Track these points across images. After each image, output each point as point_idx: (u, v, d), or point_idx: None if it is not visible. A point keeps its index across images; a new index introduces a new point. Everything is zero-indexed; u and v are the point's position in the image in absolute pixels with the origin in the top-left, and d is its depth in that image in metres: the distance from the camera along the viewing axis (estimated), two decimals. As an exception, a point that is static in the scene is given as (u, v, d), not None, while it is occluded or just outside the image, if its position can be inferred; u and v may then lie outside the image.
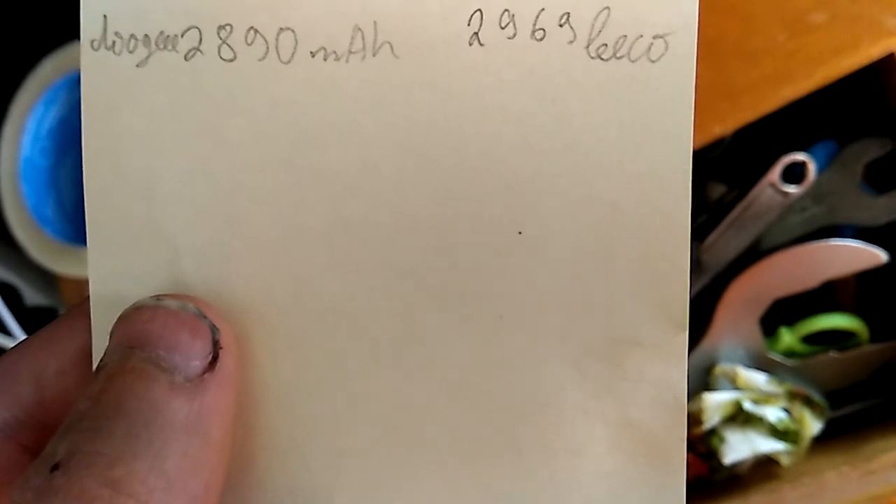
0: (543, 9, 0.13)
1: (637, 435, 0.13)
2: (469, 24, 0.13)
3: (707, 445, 0.41)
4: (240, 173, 0.13)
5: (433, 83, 0.13)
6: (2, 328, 0.50)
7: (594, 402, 0.13)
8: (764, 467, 0.42)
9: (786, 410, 0.41)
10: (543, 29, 0.13)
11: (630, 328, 0.13)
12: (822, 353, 0.42)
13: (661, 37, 0.13)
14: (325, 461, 0.13)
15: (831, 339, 0.42)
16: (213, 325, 0.13)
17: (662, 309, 0.13)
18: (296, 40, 0.13)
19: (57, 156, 0.43)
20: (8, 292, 0.53)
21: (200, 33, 0.13)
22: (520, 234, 0.13)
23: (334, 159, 0.13)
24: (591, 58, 0.13)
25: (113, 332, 0.13)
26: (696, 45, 0.14)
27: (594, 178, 0.13)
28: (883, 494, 0.39)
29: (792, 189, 0.41)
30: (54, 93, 0.41)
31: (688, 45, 0.13)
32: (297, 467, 0.13)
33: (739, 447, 0.39)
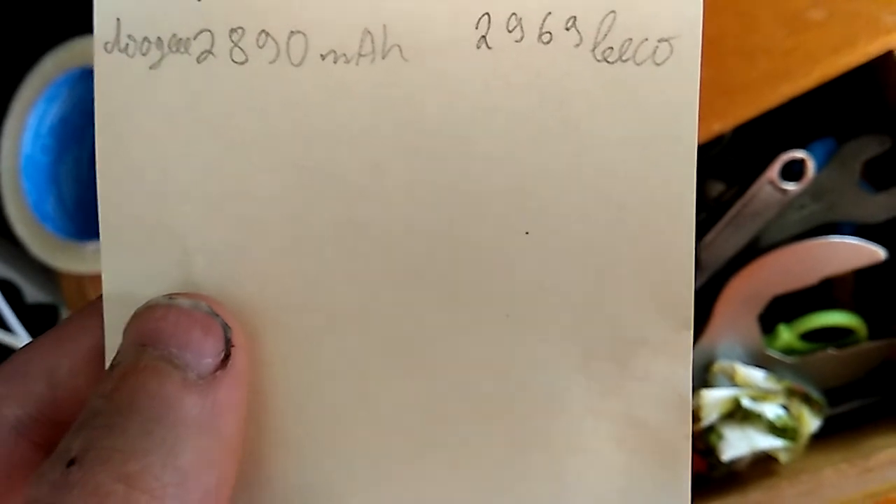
0: (550, 12, 0.14)
1: (643, 432, 0.14)
2: (477, 28, 0.13)
3: (705, 442, 0.41)
4: (250, 174, 0.13)
5: (441, 86, 0.13)
6: (3, 325, 0.50)
7: (600, 401, 0.14)
8: (762, 464, 0.42)
9: (784, 407, 0.41)
10: (550, 32, 0.14)
11: (636, 327, 0.14)
12: (821, 350, 0.42)
13: (666, 40, 0.14)
14: (334, 458, 0.13)
15: (830, 337, 0.42)
16: (225, 324, 0.13)
17: (667, 308, 0.14)
18: (306, 43, 0.13)
19: (58, 152, 0.43)
20: (8, 289, 0.53)
21: (212, 36, 0.13)
22: (527, 234, 0.13)
23: (344, 160, 0.13)
24: (597, 61, 0.14)
25: (126, 330, 0.14)
26: (700, 48, 0.14)
27: (600, 180, 0.14)
28: (881, 491, 0.39)
29: (791, 186, 0.42)
30: (55, 89, 0.41)
31: (692, 48, 0.14)
32: (307, 464, 0.13)
33: (738, 444, 0.39)
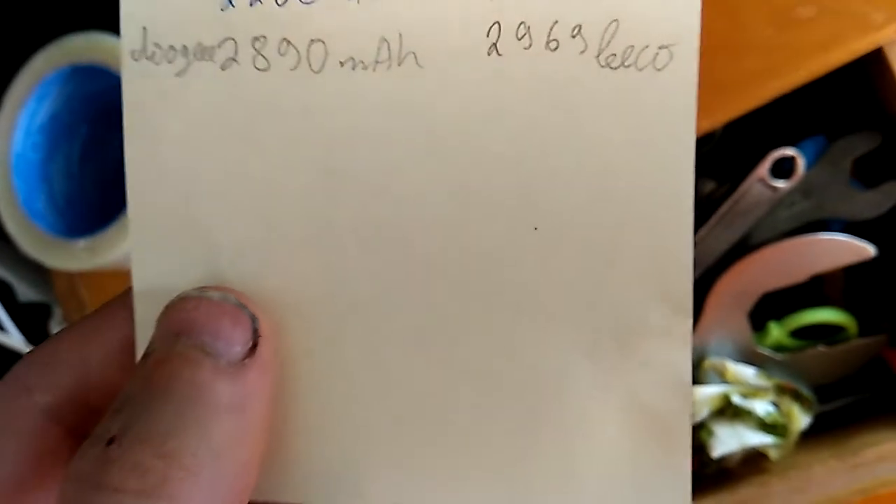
0: (557, 21, 0.14)
1: (646, 415, 0.14)
2: (488, 36, 0.14)
3: (696, 439, 0.41)
4: (274, 175, 0.14)
5: (455, 90, 0.14)
6: (-5, 324, 0.50)
7: (605, 386, 0.14)
8: (753, 461, 0.42)
9: (774, 404, 0.41)
10: (557, 40, 0.15)
11: (638, 316, 0.14)
12: (811, 347, 0.42)
13: (666, 47, 0.14)
14: (355, 440, 0.15)
15: (820, 334, 0.43)
16: (253, 315, 0.14)
17: (668, 297, 0.14)
18: (326, 51, 0.14)
19: (48, 150, 0.43)
20: (1, 288, 0.53)
21: (236, 44, 0.14)
22: (535, 230, 0.14)
23: (363, 162, 0.14)
24: (601, 67, 0.15)
25: (159, 320, 0.15)
26: (698, 53, 0.15)
27: (604, 179, 0.15)
28: (870, 487, 0.39)
29: (781, 184, 0.42)
30: (46, 87, 0.41)
31: (690, 53, 0.14)
32: (329, 446, 0.15)
33: (728, 440, 0.39)
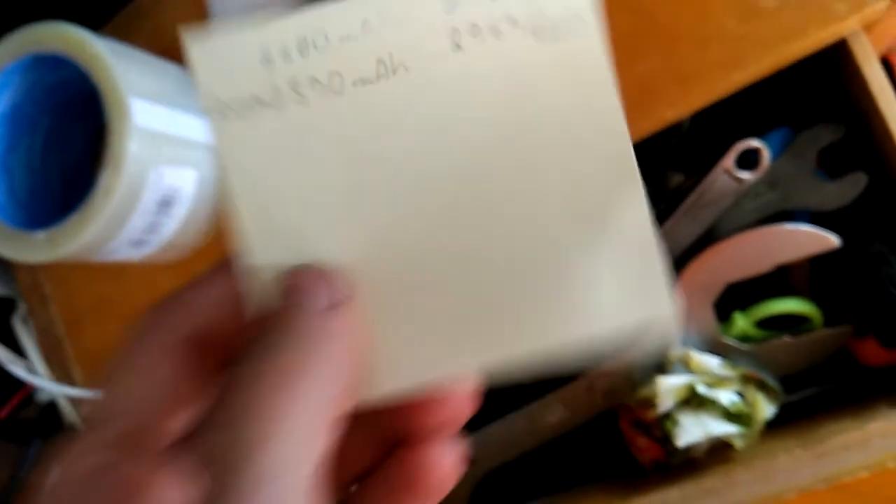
0: (494, 14, 0.20)
1: (623, 255, 0.20)
2: (451, 40, 0.20)
3: (662, 430, 0.41)
4: (331, 172, 0.21)
5: (437, 82, 0.20)
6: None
7: (591, 246, 0.20)
8: (719, 451, 0.42)
9: (739, 394, 0.41)
10: (499, 28, 0.20)
11: (603, 199, 0.20)
12: (776, 337, 0.42)
13: (575, 13, 0.20)
14: (417, 332, 0.21)
15: (785, 324, 0.43)
16: (337, 276, 0.20)
17: (616, 174, 0.20)
18: (342, 78, 0.20)
19: (9, 142, 0.43)
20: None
21: (279, 91, 0.20)
22: (519, 167, 0.20)
23: (388, 146, 0.21)
24: (534, 40, 0.20)
25: (277, 284, 0.20)
26: (598, 12, 0.20)
27: (557, 116, 0.20)
28: (835, 476, 0.39)
29: (746, 175, 0.42)
30: (7, 77, 0.41)
31: (592, 15, 0.20)
32: (398, 342, 0.20)
33: (692, 430, 0.40)
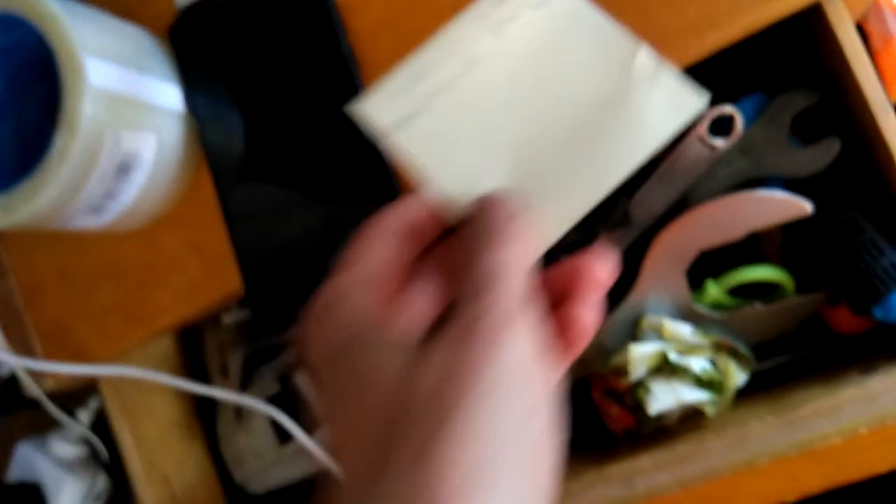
0: (509, 8, 0.31)
1: (655, 89, 0.30)
2: (492, 31, 0.31)
3: (634, 398, 0.41)
4: (467, 133, 0.30)
5: (496, 58, 0.31)
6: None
7: (626, 98, 0.30)
8: (691, 420, 0.42)
9: (711, 361, 0.41)
10: (515, 14, 0.31)
11: (620, 66, 0.30)
12: (748, 305, 0.42)
13: None
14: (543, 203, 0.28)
15: (757, 292, 0.43)
16: (511, 197, 0.27)
17: (622, 51, 0.30)
18: (449, 80, 0.30)
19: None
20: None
21: (419, 103, 0.30)
22: (560, 82, 0.30)
23: (490, 106, 0.30)
24: (536, 10, 0.31)
25: (469, 208, 0.27)
26: None
27: (573, 48, 0.30)
28: (807, 442, 0.39)
29: (719, 142, 0.41)
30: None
31: None
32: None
33: (664, 397, 0.39)
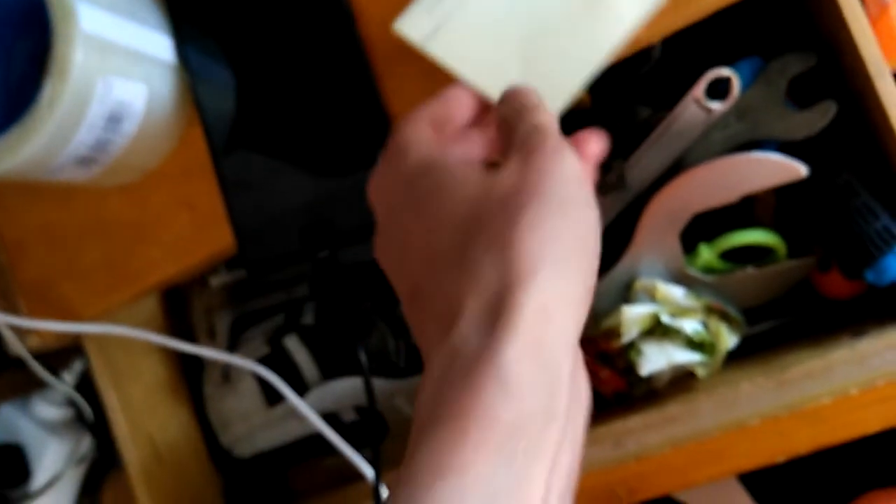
0: None
1: None
2: None
3: (625, 360, 0.41)
4: (486, 28, 0.37)
5: None
6: None
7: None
8: (682, 382, 0.42)
9: (703, 324, 0.41)
10: None
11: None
12: (740, 269, 0.42)
13: None
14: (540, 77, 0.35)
15: (750, 256, 0.43)
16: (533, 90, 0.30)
17: None
18: None
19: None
20: None
21: (444, 15, 0.38)
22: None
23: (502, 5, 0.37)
24: None
25: (503, 95, 0.30)
26: None
27: None
28: (797, 403, 0.39)
29: (716, 105, 0.41)
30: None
31: None
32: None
33: (655, 358, 0.39)
